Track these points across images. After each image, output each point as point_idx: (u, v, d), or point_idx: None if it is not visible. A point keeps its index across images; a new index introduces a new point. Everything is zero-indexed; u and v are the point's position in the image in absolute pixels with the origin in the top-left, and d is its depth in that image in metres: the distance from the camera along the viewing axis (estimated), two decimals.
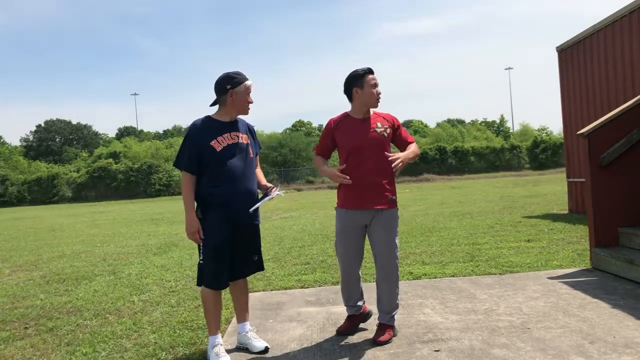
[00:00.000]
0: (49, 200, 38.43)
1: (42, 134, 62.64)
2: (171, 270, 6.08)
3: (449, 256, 5.82)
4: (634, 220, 4.78)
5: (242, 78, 3.04)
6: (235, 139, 3.06)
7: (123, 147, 46.90)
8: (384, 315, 3.22)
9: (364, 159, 3.11)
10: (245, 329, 3.22)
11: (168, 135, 63.87)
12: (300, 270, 5.55)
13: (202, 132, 3.01)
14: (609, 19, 7.88)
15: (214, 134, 3.01)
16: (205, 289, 3.05)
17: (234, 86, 3.02)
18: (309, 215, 13.15)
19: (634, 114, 4.79)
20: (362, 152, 3.12)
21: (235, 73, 3.06)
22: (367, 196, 3.11)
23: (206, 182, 3.00)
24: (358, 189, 3.11)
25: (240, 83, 3.02)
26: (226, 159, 2.99)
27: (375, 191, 3.11)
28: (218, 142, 3.00)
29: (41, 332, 3.88)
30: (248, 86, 3.05)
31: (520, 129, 52.57)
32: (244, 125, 3.19)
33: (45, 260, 7.58)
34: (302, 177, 40.15)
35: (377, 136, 3.15)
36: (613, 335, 2.99)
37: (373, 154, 3.11)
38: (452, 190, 21.64)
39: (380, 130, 3.17)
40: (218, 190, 2.98)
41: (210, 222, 2.98)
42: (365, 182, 3.10)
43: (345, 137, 3.18)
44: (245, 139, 3.12)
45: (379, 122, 3.20)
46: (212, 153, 2.98)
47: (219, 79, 3.05)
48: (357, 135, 3.15)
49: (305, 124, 60.64)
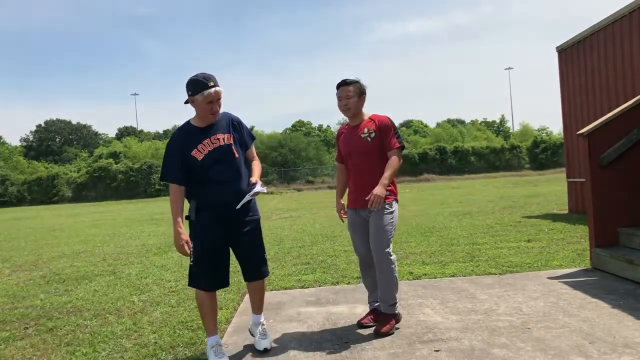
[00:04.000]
0: (49, 200, 38.43)
1: (42, 134, 62.70)
2: (171, 270, 6.08)
3: (449, 256, 5.82)
4: (634, 220, 4.78)
5: (202, 86, 2.87)
6: (215, 142, 2.97)
7: (123, 147, 46.93)
8: (382, 304, 3.38)
9: (355, 163, 3.42)
10: (257, 320, 3.25)
11: (168, 135, 63.82)
12: (300, 270, 5.55)
13: (181, 143, 2.96)
14: (609, 19, 7.88)
15: (193, 142, 2.94)
16: (197, 291, 3.03)
17: (193, 93, 2.90)
18: (309, 215, 13.15)
19: (634, 114, 4.79)
20: (352, 158, 3.43)
21: (202, 78, 2.90)
22: (360, 197, 3.35)
23: (195, 189, 2.99)
24: (355, 191, 3.43)
25: (198, 92, 2.87)
26: (209, 167, 2.94)
27: (366, 192, 3.28)
28: (199, 150, 2.93)
29: (41, 332, 3.88)
30: (206, 95, 2.86)
31: (520, 129, 52.60)
32: (226, 122, 3.07)
33: (45, 260, 7.58)
34: (302, 177, 40.11)
35: (362, 142, 3.37)
36: (613, 335, 2.99)
37: (360, 159, 3.38)
38: (452, 190, 21.64)
39: (364, 135, 3.37)
40: (206, 197, 2.96)
41: (202, 222, 2.97)
42: (358, 184, 3.40)
43: (342, 144, 3.53)
44: (227, 139, 3.01)
45: (366, 128, 3.39)
46: (194, 163, 2.94)
47: (186, 82, 2.94)
48: (348, 142, 3.45)
49: (305, 124, 60.56)
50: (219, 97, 2.94)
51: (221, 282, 3.06)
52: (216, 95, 2.91)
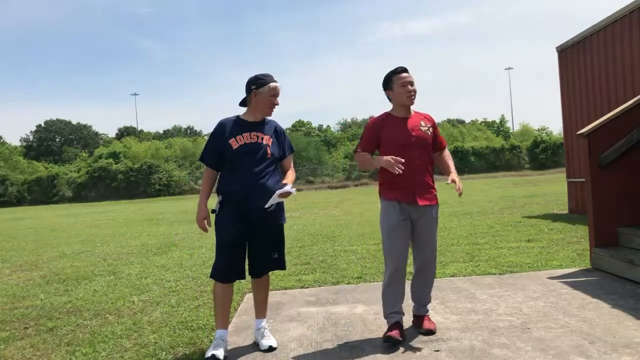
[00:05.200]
0: (49, 200, 38.43)
1: (42, 134, 62.67)
2: (171, 270, 6.08)
3: (449, 256, 5.82)
4: (634, 220, 4.78)
5: (268, 80, 3.12)
6: (255, 138, 3.13)
7: (123, 147, 46.88)
8: (422, 307, 3.36)
9: (411, 156, 3.13)
10: (259, 325, 3.27)
11: (168, 135, 63.87)
12: (300, 270, 5.55)
13: (224, 130, 3.15)
14: (609, 19, 7.88)
15: (235, 132, 3.12)
16: (215, 283, 3.15)
17: (257, 87, 3.12)
18: (309, 215, 13.15)
19: (634, 114, 4.79)
20: (409, 150, 3.15)
21: (264, 75, 3.15)
22: (417, 192, 3.17)
23: (224, 178, 3.15)
24: (409, 185, 3.16)
25: (265, 84, 3.11)
26: (241, 157, 3.08)
27: (423, 188, 3.18)
28: (236, 140, 3.10)
29: (41, 332, 3.88)
30: (272, 88, 3.12)
31: (520, 129, 52.60)
32: (271, 127, 3.25)
33: (45, 260, 7.58)
34: (302, 177, 40.12)
35: (423, 134, 3.21)
36: (613, 335, 2.99)
37: (419, 151, 3.17)
38: (452, 190, 21.54)
39: (424, 128, 3.23)
40: (231, 188, 3.09)
41: (222, 216, 3.09)
42: (413, 179, 3.16)
43: (391, 136, 3.20)
44: (267, 139, 3.17)
45: (422, 122, 3.26)
46: (229, 150, 3.09)
47: (248, 80, 3.16)
48: (403, 133, 3.18)
49: (305, 124, 60.55)
50: (279, 94, 3.18)
51: (236, 275, 3.15)
52: (279, 91, 3.17)
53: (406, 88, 3.17)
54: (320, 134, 56.01)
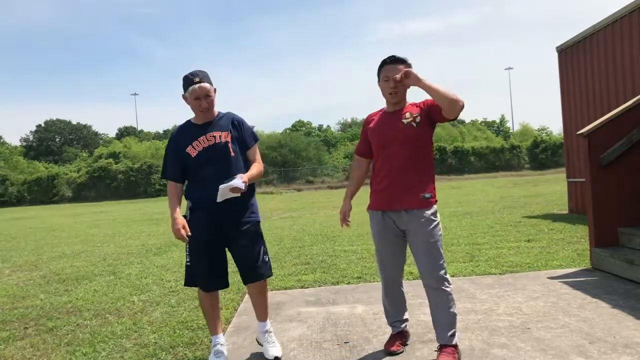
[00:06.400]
0: (49, 200, 38.44)
1: (42, 134, 62.66)
2: (171, 270, 6.08)
3: (449, 256, 5.81)
4: (634, 220, 4.78)
5: (188, 82, 2.87)
6: (211, 140, 2.92)
7: (123, 147, 46.93)
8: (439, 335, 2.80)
9: (389, 155, 2.80)
10: (263, 328, 3.13)
11: (168, 135, 63.86)
12: (300, 270, 5.55)
13: (177, 140, 2.98)
14: (609, 19, 7.88)
15: (189, 139, 2.94)
16: (198, 290, 3.07)
17: (184, 91, 2.91)
18: (309, 215, 13.15)
19: (634, 114, 4.79)
20: (388, 148, 2.81)
21: (189, 74, 2.89)
22: (395, 196, 2.79)
23: (190, 187, 3.02)
24: (387, 189, 2.82)
25: (187, 87, 2.87)
26: (202, 164, 2.92)
27: (405, 190, 2.77)
28: (193, 147, 2.92)
29: (41, 332, 3.88)
30: (191, 91, 2.85)
31: (520, 129, 52.65)
32: (227, 120, 3.01)
33: (45, 260, 7.58)
34: (302, 177, 40.13)
35: (404, 128, 2.77)
36: (613, 335, 2.99)
37: (399, 148, 2.77)
38: (452, 190, 21.63)
39: (407, 121, 2.77)
40: (198, 195, 2.95)
41: (193, 223, 2.94)
42: (393, 180, 2.79)
43: (374, 133, 2.91)
44: (225, 136, 2.94)
45: (408, 112, 2.80)
46: (188, 159, 2.93)
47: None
48: (384, 130, 2.85)
49: (305, 124, 60.55)
50: (206, 94, 2.87)
51: (217, 283, 3.03)
52: (201, 91, 2.85)
53: (388, 83, 2.79)
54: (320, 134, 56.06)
